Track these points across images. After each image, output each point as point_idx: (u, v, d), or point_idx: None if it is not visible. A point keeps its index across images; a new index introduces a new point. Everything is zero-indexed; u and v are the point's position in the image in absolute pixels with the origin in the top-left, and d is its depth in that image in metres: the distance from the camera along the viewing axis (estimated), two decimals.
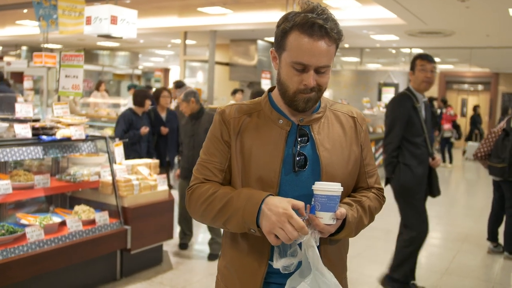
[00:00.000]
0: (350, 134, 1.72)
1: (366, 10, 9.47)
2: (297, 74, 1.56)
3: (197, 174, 1.70)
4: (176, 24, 11.80)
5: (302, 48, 1.52)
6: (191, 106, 4.98)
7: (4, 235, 3.47)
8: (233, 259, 1.68)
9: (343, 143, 1.68)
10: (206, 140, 1.74)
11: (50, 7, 7.54)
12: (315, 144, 1.64)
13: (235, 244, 1.67)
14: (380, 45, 13.47)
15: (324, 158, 1.62)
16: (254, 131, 1.65)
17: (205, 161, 1.70)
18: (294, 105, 1.61)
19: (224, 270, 1.72)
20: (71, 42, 15.80)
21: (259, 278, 1.62)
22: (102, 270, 4.20)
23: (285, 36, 1.56)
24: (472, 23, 9.51)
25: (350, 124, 1.74)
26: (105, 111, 10.42)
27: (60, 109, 4.28)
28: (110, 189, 4.27)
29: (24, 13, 11.33)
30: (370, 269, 4.99)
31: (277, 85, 1.66)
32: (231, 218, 1.55)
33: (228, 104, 1.78)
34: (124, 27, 6.05)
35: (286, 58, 1.57)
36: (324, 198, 1.50)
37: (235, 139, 1.65)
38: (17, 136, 3.80)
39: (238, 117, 1.68)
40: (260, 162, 1.61)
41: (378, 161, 10.57)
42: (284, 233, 1.44)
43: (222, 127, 1.68)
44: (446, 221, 7.30)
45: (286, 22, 1.56)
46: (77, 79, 4.52)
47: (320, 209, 1.50)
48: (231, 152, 1.66)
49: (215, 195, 1.60)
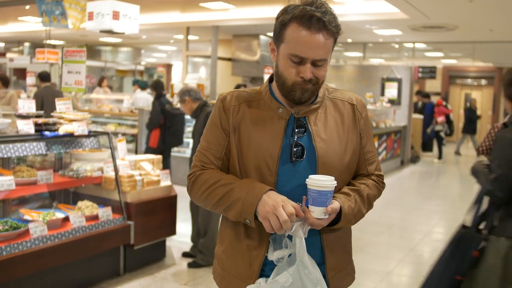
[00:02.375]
0: (348, 122, 1.72)
1: (369, 4, 9.43)
2: (294, 66, 1.57)
3: (196, 161, 1.74)
4: (179, 19, 11.78)
5: (299, 40, 1.53)
6: (188, 106, 4.73)
7: (7, 230, 3.48)
8: (231, 245, 1.72)
9: (341, 133, 1.69)
10: (206, 126, 1.77)
11: (53, 3, 7.53)
12: (311, 135, 1.65)
13: (235, 231, 1.70)
14: (383, 40, 13.43)
15: (320, 149, 1.63)
16: (253, 120, 1.67)
17: (204, 148, 1.73)
18: (291, 96, 1.62)
19: (222, 256, 1.76)
20: (73, 38, 15.79)
21: (256, 266, 1.65)
22: (106, 266, 4.21)
23: (284, 28, 1.57)
24: (476, 18, 9.47)
25: (349, 111, 1.74)
26: (108, 107, 10.43)
27: (63, 105, 4.28)
28: (113, 184, 4.27)
29: (26, 9, 11.32)
30: (374, 264, 4.99)
31: (275, 77, 1.68)
32: (231, 206, 1.59)
33: (230, 90, 1.80)
34: (126, 23, 6.03)
35: (283, 50, 1.58)
36: (315, 193, 1.52)
37: (233, 127, 1.68)
38: (20, 132, 3.80)
39: (238, 104, 1.70)
40: (259, 150, 1.63)
41: (381, 156, 10.56)
42: (276, 218, 1.48)
43: (222, 114, 1.71)
44: (449, 216, 7.29)
45: (285, 14, 1.57)
46: (80, 75, 4.53)
47: (312, 203, 1.52)
48: (229, 140, 1.69)
49: (218, 183, 1.63)
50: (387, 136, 10.90)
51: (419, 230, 6.42)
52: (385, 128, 10.73)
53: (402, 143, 12.07)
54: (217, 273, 1.79)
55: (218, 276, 1.77)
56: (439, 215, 7.29)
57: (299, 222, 1.51)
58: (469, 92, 19.48)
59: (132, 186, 4.30)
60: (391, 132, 11.16)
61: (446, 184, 10.52)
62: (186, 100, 4.73)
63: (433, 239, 6.15)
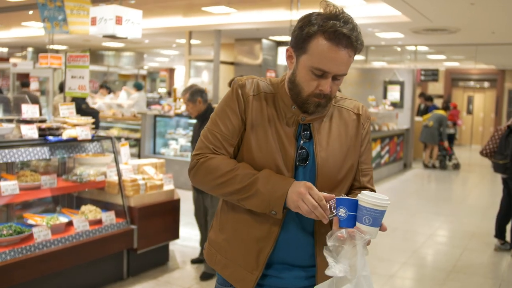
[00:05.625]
0: (351, 132, 1.73)
1: (370, 8, 9.44)
2: (314, 78, 1.57)
3: (207, 142, 1.68)
4: (181, 24, 11.81)
5: (325, 55, 1.53)
6: (197, 107, 4.52)
7: (11, 235, 3.49)
8: (236, 234, 1.71)
9: (343, 142, 1.70)
10: (219, 108, 1.72)
11: (55, 8, 7.58)
12: (313, 143, 1.66)
13: (241, 220, 1.69)
14: (385, 43, 13.43)
15: (320, 158, 1.64)
16: (270, 115, 1.66)
17: (217, 132, 1.68)
18: (304, 107, 1.62)
19: (223, 244, 1.73)
20: (76, 43, 15.84)
21: (263, 257, 1.66)
22: (109, 270, 4.22)
23: (308, 40, 1.55)
24: (478, 20, 9.47)
25: (354, 121, 1.75)
26: (110, 111, 10.47)
27: (66, 109, 4.30)
28: (117, 189, 4.28)
29: (29, 14, 11.37)
30: (377, 266, 4.99)
31: (289, 84, 1.65)
32: (252, 197, 1.58)
33: (247, 77, 1.75)
34: (129, 28, 6.06)
35: (306, 61, 1.57)
36: (378, 213, 1.47)
37: (251, 119, 1.65)
38: (24, 137, 3.82)
39: (257, 94, 1.68)
40: (275, 150, 1.63)
41: (384, 159, 10.55)
42: (305, 205, 1.50)
43: (240, 101, 1.67)
44: (452, 219, 7.28)
45: (310, 25, 1.54)
46: (83, 79, 4.54)
47: (372, 224, 1.47)
48: (246, 130, 1.66)
49: (235, 172, 1.60)
50: (389, 139, 10.89)
51: (422, 233, 6.41)
52: (387, 131, 10.72)
53: (405, 146, 12.06)
54: (216, 260, 1.76)
55: (219, 264, 1.75)
56: (442, 218, 7.28)
57: (364, 240, 1.48)
58: (472, 95, 19.45)
59: (135, 190, 4.31)
60: (393, 135, 11.15)
61: (449, 187, 10.50)
62: (198, 101, 4.50)
63: (436, 241, 6.14)
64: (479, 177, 11.77)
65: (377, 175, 10.11)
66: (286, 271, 1.70)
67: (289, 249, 1.68)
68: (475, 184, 11.02)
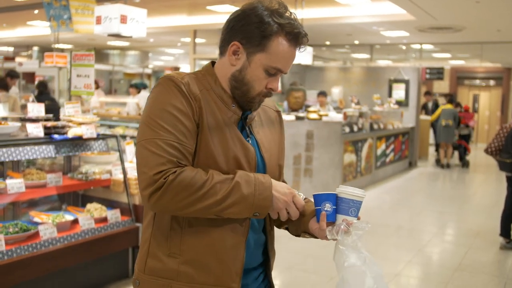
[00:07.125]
0: (277, 129, 1.75)
1: (375, 6, 9.43)
2: (266, 77, 1.53)
3: (166, 154, 1.41)
4: (186, 22, 11.83)
5: (284, 55, 1.51)
6: None
7: (17, 233, 3.51)
8: (201, 252, 1.51)
9: (276, 140, 1.72)
10: (158, 111, 1.46)
11: (61, 7, 7.61)
12: (257, 143, 1.62)
13: (205, 236, 1.51)
14: (390, 42, 13.40)
15: (266, 158, 1.63)
16: (215, 114, 1.52)
17: (173, 140, 1.43)
18: (249, 105, 1.57)
19: (183, 269, 1.50)
20: (81, 42, 15.89)
21: (238, 266, 1.54)
22: (114, 268, 4.24)
23: (268, 39, 1.49)
24: (483, 18, 9.44)
25: (276, 118, 1.76)
26: (116, 110, 10.48)
27: (72, 108, 4.32)
28: (122, 187, 4.30)
29: (35, 13, 11.41)
30: (382, 265, 4.97)
31: (233, 82, 1.54)
32: (235, 204, 1.43)
33: (178, 72, 1.55)
34: (134, 26, 6.07)
35: (262, 60, 1.51)
36: (356, 203, 1.54)
37: (206, 119, 1.49)
38: (30, 135, 3.84)
39: (199, 92, 1.51)
40: (233, 150, 1.52)
41: (389, 158, 10.54)
42: (287, 213, 1.52)
43: (188, 101, 1.47)
44: (457, 218, 7.26)
45: (268, 24, 1.48)
46: (89, 78, 4.56)
47: (355, 214, 1.55)
48: (200, 135, 1.49)
49: (212, 181, 1.43)
50: (395, 138, 10.87)
51: (428, 231, 6.40)
52: (392, 130, 10.70)
53: (410, 144, 12.04)
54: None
55: None
56: (448, 216, 7.27)
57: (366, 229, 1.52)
58: (478, 93, 19.39)
59: None
60: (398, 133, 11.13)
61: (455, 185, 10.48)
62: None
63: (441, 240, 6.13)
64: (485, 175, 11.73)
65: (382, 173, 10.10)
66: (247, 276, 1.61)
67: (248, 250, 1.58)
68: (480, 182, 10.99)
